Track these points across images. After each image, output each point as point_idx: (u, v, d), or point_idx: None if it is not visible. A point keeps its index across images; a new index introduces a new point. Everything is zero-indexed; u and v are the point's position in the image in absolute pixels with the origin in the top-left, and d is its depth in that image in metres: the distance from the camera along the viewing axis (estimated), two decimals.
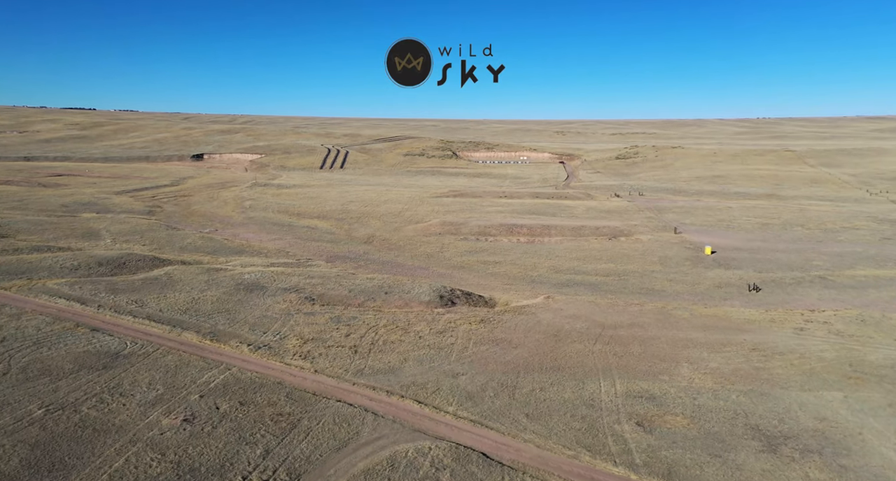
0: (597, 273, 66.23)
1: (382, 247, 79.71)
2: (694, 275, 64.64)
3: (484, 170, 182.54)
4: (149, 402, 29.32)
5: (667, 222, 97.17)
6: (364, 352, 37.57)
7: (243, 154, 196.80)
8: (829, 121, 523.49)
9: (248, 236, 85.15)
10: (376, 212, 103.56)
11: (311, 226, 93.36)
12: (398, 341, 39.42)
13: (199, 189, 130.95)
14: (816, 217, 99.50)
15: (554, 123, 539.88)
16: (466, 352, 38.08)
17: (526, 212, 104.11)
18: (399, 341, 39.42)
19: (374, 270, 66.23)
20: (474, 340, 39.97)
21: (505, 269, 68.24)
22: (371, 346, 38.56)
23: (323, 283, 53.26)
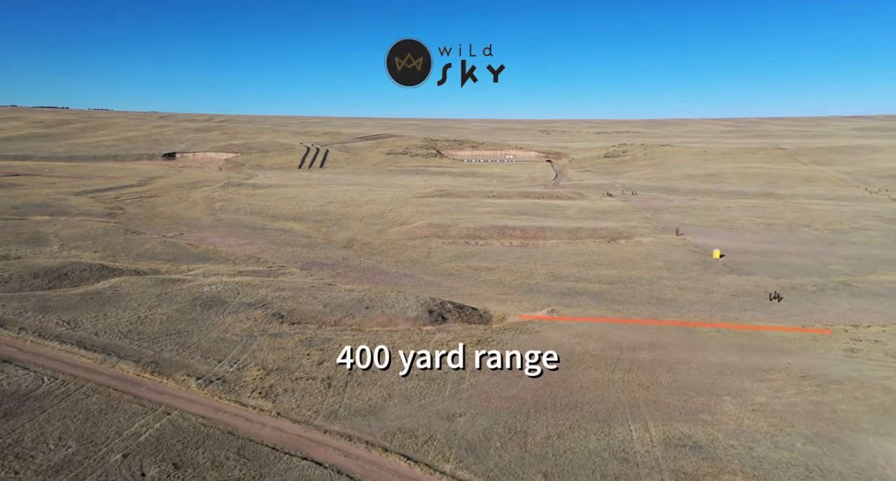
0: (599, 280, 60.22)
1: (363, 252, 72.97)
2: (706, 282, 58.92)
3: (470, 169, 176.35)
4: (52, 468, 22.39)
5: (666, 223, 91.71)
6: (339, 386, 30.96)
7: (218, 153, 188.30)
8: (811, 120, 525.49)
9: (216, 240, 77.83)
10: (357, 214, 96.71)
11: (287, 229, 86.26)
12: (381, 370, 32.83)
13: (167, 189, 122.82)
14: (821, 217, 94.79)
15: (538, 122, 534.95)
16: (463, 383, 31.66)
17: (516, 213, 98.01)
18: (382, 370, 32.83)
19: (354, 279, 59.53)
20: (471, 368, 33.52)
21: (499, 276, 61.94)
22: (348, 378, 31.94)
23: (294, 297, 46.46)
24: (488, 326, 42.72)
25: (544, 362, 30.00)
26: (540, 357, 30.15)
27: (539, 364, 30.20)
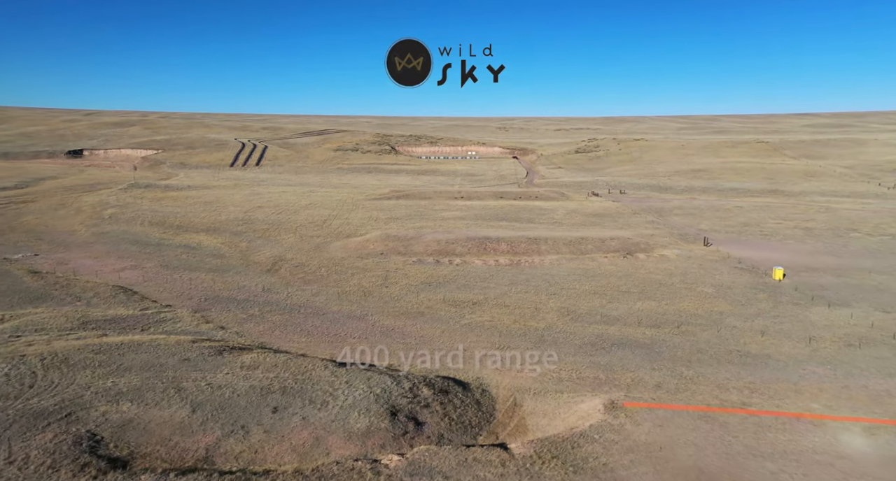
0: (638, 320, 41.22)
1: (293, 279, 51.91)
2: (791, 320, 40.73)
3: (429, 167, 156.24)
4: None
5: (680, 228, 74.05)
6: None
7: (135, 150, 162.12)
8: (762, 117, 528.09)
9: (84, 264, 55.19)
10: (292, 222, 75.25)
11: (192, 245, 64.15)
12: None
13: (52, 193, 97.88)
14: (858, 218, 79.14)
15: (494, 120, 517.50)
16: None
17: (494, 219, 78.57)
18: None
19: (269, 329, 38.62)
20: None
21: (490, 316, 42.14)
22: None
23: (140, 390, 25.32)
24: (504, 449, 22.69)
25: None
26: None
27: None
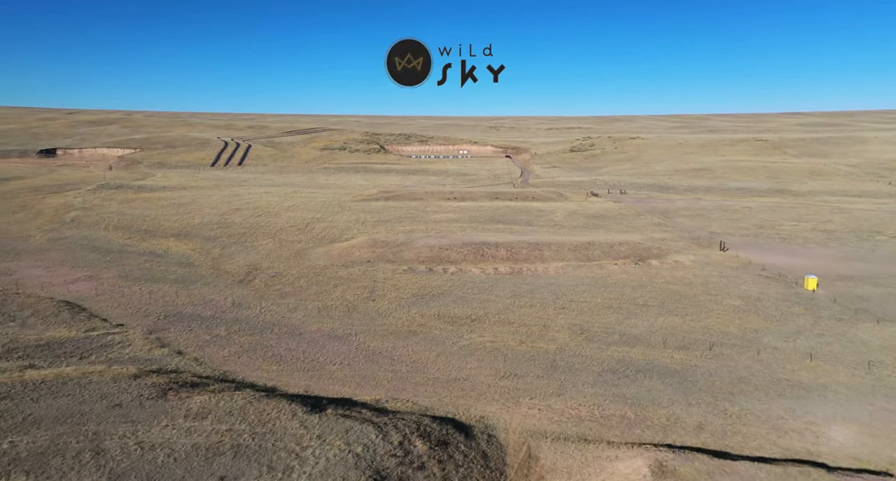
0: (663, 340, 35.75)
1: (269, 291, 46.01)
2: (840, 340, 35.46)
3: (420, 166, 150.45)
4: None
5: (691, 231, 68.89)
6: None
7: (112, 149, 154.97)
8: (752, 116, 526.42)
9: (32, 274, 48.96)
10: (271, 226, 69.27)
11: (159, 252, 58.04)
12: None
13: (15, 193, 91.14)
14: (877, 219, 74.43)
15: (485, 119, 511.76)
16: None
17: (489, 221, 73.02)
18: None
19: (234, 354, 32.78)
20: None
21: (491, 336, 36.51)
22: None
23: (44, 455, 19.47)
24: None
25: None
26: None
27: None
